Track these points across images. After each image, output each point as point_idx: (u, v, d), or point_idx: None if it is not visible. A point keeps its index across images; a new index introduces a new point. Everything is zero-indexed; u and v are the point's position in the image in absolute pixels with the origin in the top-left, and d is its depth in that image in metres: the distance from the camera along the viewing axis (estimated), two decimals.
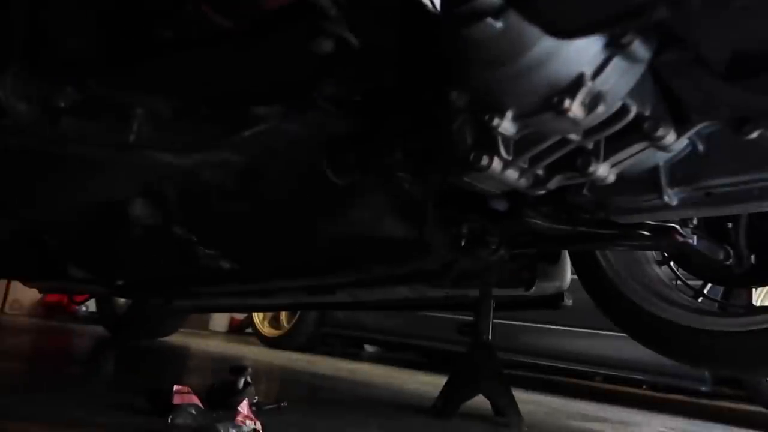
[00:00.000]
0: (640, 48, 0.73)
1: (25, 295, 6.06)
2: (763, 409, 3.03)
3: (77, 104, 0.87)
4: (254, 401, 1.64)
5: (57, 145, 1.08)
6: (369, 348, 6.99)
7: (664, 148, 0.84)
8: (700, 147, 0.91)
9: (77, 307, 5.83)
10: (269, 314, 5.45)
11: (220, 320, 7.71)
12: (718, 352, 1.50)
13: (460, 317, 2.71)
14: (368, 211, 1.47)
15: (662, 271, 1.76)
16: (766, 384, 2.90)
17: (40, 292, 4.84)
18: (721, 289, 2.29)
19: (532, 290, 1.86)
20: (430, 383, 3.17)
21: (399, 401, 2.40)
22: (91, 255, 2.62)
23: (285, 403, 1.73)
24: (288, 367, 3.57)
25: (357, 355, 6.11)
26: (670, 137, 0.82)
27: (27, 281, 3.14)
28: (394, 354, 6.65)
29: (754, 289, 1.62)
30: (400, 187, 1.21)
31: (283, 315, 5.36)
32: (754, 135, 0.76)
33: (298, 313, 5.16)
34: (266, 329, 5.48)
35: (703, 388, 3.42)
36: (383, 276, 1.91)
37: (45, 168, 1.23)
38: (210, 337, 6.30)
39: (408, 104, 1.03)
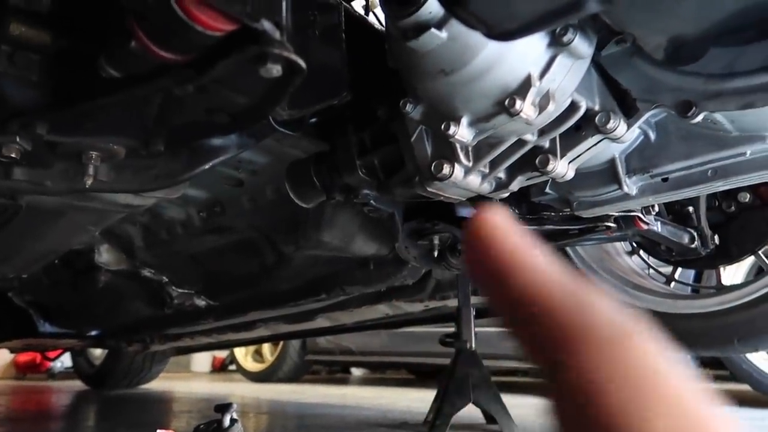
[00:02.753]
0: (581, 45, 0.76)
1: None
2: (747, 387, 3.09)
3: (28, 153, 0.85)
4: None
5: (10, 197, 1.06)
6: (356, 371, 6.92)
7: (617, 140, 0.86)
8: (652, 135, 0.94)
9: (51, 364, 5.65)
10: (251, 349, 5.37)
11: (201, 360, 7.55)
12: (695, 333, 1.52)
13: (445, 329, 2.71)
14: (338, 231, 1.46)
15: (633, 261, 1.79)
16: (748, 362, 2.96)
17: (11, 352, 4.67)
18: (692, 273, 2.34)
19: None
20: (420, 399, 3.15)
21: (390, 420, 2.38)
22: (60, 308, 2.55)
23: None
24: (275, 400, 3.51)
25: (345, 380, 6.05)
26: (621, 128, 0.84)
27: None
28: (382, 374, 6.60)
29: (722, 268, 1.65)
30: (366, 204, 1.22)
31: (266, 348, 5.29)
32: (699, 118, 0.79)
33: (281, 344, 5.09)
34: (249, 364, 5.38)
35: None
36: (360, 296, 1.90)
37: None
38: (193, 379, 6.16)
39: (364, 121, 1.03)
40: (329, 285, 1.78)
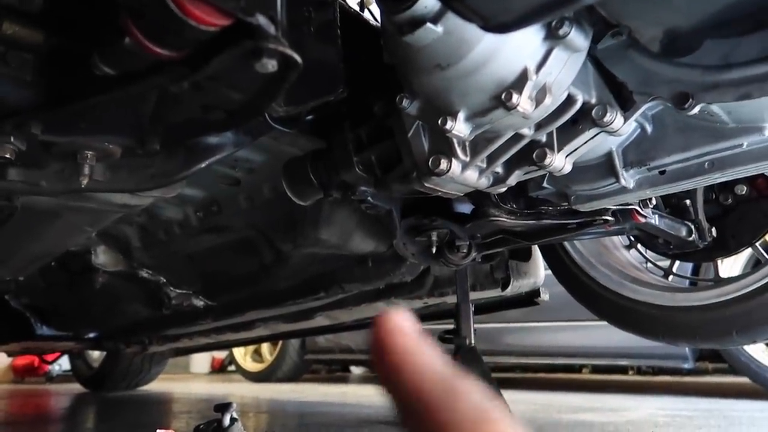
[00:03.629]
0: (577, 37, 0.75)
1: None
2: (746, 379, 3.10)
3: (23, 153, 0.85)
4: None
5: (5, 198, 1.05)
6: (356, 370, 6.92)
7: (613, 133, 0.86)
8: (649, 128, 0.94)
9: (49, 367, 5.64)
10: (250, 349, 5.36)
11: (200, 361, 7.54)
12: (694, 326, 1.53)
13: (444, 326, 2.70)
14: (336, 229, 1.46)
15: (631, 255, 1.79)
16: (746, 354, 2.97)
17: (8, 356, 4.66)
18: (690, 266, 2.35)
19: (509, 290, 1.87)
20: None
21: (390, 418, 2.38)
22: (57, 310, 2.54)
23: None
24: (275, 399, 3.51)
25: (344, 379, 6.05)
26: (618, 121, 0.84)
27: None
28: None
29: (719, 261, 1.66)
30: (364, 201, 1.21)
31: (265, 347, 5.28)
32: (696, 110, 0.79)
33: (280, 343, 5.09)
34: (249, 364, 5.38)
35: (686, 366, 3.47)
36: (359, 294, 1.90)
37: None
38: (192, 380, 6.16)
39: (361, 118, 1.03)
40: (328, 283, 1.78)
